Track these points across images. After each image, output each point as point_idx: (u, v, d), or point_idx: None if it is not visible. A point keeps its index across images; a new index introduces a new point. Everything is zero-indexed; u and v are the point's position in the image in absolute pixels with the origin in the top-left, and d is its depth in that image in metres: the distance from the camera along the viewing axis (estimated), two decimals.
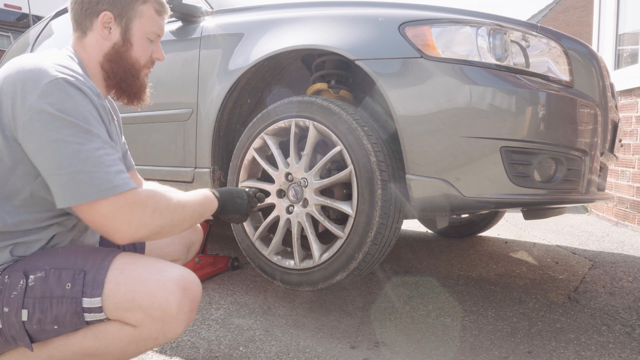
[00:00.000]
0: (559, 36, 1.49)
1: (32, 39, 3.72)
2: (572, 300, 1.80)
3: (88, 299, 0.87)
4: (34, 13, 6.56)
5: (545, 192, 1.38)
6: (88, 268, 0.90)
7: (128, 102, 1.12)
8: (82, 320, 0.88)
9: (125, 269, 0.91)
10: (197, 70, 1.93)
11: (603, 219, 3.67)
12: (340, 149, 1.48)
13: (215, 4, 2.08)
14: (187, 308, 0.92)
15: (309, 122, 1.55)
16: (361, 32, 1.50)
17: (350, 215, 1.46)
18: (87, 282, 0.88)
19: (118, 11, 1.02)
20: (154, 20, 1.07)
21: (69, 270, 0.89)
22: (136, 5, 1.04)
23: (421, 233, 3.12)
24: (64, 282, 0.88)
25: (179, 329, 0.92)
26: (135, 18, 1.04)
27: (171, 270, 0.93)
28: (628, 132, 3.26)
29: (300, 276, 1.57)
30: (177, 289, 0.90)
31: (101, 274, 0.89)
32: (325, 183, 1.52)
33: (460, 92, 1.33)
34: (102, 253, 0.94)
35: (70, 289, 0.87)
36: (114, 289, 0.88)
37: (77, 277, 0.88)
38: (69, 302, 0.87)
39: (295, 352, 1.35)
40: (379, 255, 1.48)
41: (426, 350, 1.37)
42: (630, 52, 3.65)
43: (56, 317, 0.87)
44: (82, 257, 0.92)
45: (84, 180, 0.83)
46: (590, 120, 1.45)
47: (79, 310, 0.87)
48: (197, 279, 0.97)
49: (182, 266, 0.97)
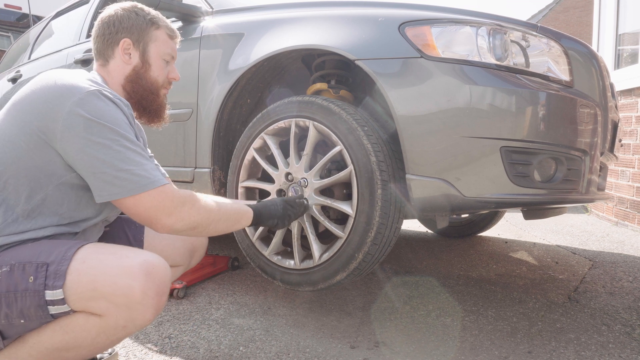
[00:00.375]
0: (559, 36, 1.49)
1: (32, 39, 3.72)
2: (572, 300, 1.80)
3: (50, 291, 0.88)
4: (34, 13, 6.56)
5: (545, 192, 1.38)
6: (51, 260, 0.90)
7: (148, 120, 1.21)
8: (47, 314, 0.89)
9: (86, 259, 0.91)
10: (197, 70, 1.93)
11: (603, 219, 3.67)
12: (340, 149, 1.48)
13: (215, 4, 2.08)
14: (153, 292, 0.91)
15: (309, 122, 1.55)
16: (361, 32, 1.50)
17: (350, 215, 1.46)
18: (49, 275, 0.88)
19: (136, 37, 1.15)
20: (167, 43, 1.20)
21: (33, 263, 0.90)
22: (151, 30, 1.17)
23: (421, 233, 3.12)
24: (27, 275, 0.89)
25: (147, 315, 0.91)
26: (151, 42, 1.17)
27: (133, 256, 0.93)
28: (628, 132, 3.26)
29: (301, 276, 1.56)
30: (140, 273, 0.90)
31: (63, 265, 0.89)
32: (325, 183, 1.52)
33: (460, 92, 1.33)
34: (68, 245, 0.94)
35: (33, 282, 0.88)
36: (75, 279, 0.88)
37: (39, 270, 0.89)
38: (32, 295, 0.88)
39: (295, 352, 1.35)
40: (379, 255, 1.48)
41: (426, 350, 1.37)
42: (630, 52, 3.65)
43: (21, 311, 0.88)
44: (48, 250, 0.93)
45: (126, 177, 0.94)
46: (590, 120, 1.45)
47: (42, 303, 0.88)
48: (164, 262, 0.96)
49: (148, 252, 0.97)
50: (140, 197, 0.95)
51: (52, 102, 0.94)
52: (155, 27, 1.17)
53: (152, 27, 1.17)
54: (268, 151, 1.70)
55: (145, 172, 0.96)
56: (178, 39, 1.23)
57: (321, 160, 1.53)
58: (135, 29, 1.14)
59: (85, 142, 0.92)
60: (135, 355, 1.32)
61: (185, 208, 1.01)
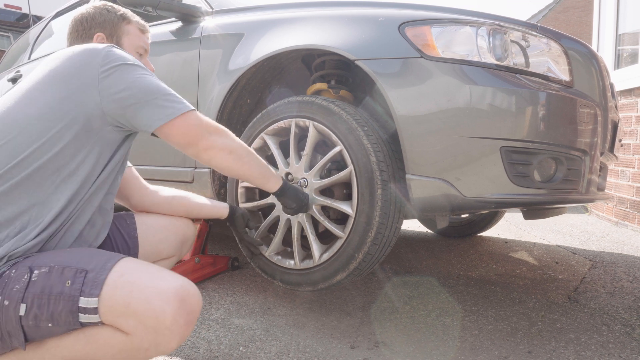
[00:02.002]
0: (559, 36, 1.49)
1: (32, 39, 3.72)
2: (572, 300, 1.80)
3: (85, 298, 0.87)
4: (34, 13, 6.57)
5: (545, 192, 1.38)
6: (91, 268, 0.90)
7: None
8: (77, 321, 0.87)
9: (125, 273, 0.90)
10: (197, 70, 1.93)
11: (603, 219, 3.67)
12: (340, 149, 1.48)
13: (215, 4, 2.08)
14: (183, 320, 0.88)
15: (309, 122, 1.55)
16: (361, 32, 1.50)
17: (350, 216, 1.46)
18: (87, 281, 0.87)
19: (109, 31, 1.21)
20: (139, 37, 1.26)
21: (72, 268, 0.89)
22: (122, 25, 1.23)
23: (421, 233, 3.12)
24: (65, 279, 0.88)
25: (172, 343, 0.89)
26: (124, 35, 1.23)
27: (171, 279, 0.91)
28: (628, 132, 3.26)
29: (300, 276, 1.57)
30: (175, 299, 0.88)
31: (102, 274, 0.89)
32: (325, 183, 1.52)
33: (460, 92, 1.33)
34: (107, 255, 0.94)
35: (70, 286, 0.87)
36: (111, 291, 0.87)
37: (78, 275, 0.88)
38: (66, 299, 0.87)
39: (295, 352, 1.35)
40: (379, 255, 1.48)
41: (426, 350, 1.37)
42: (630, 52, 3.65)
43: (52, 314, 0.87)
44: (88, 257, 0.93)
45: (174, 99, 1.05)
46: (590, 120, 1.45)
47: (75, 310, 0.87)
48: (199, 292, 0.94)
49: (185, 278, 0.95)
50: (188, 115, 1.04)
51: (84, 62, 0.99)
52: (126, 22, 1.24)
53: (124, 22, 1.23)
54: (268, 151, 1.70)
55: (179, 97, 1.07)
56: (149, 33, 1.31)
57: (321, 161, 1.53)
58: (107, 24, 1.21)
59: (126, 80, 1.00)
60: None
61: (223, 133, 1.13)
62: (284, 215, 1.60)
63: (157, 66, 2.00)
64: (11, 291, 0.87)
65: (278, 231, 1.62)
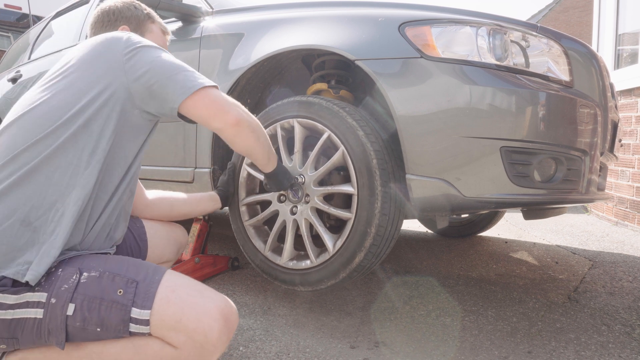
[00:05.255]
0: (559, 36, 1.49)
1: (32, 39, 3.72)
2: (572, 300, 1.80)
3: (138, 309, 0.88)
4: (34, 13, 6.57)
5: (545, 192, 1.38)
6: (140, 279, 0.91)
7: None
8: (127, 330, 0.88)
9: (176, 289, 0.92)
10: (197, 70, 1.93)
11: (603, 218, 3.67)
12: (342, 152, 1.48)
13: (215, 4, 2.08)
14: (226, 337, 0.93)
15: (312, 122, 1.55)
16: (361, 32, 1.50)
17: (350, 218, 1.46)
18: (138, 292, 0.89)
19: (134, 26, 1.25)
20: (161, 37, 1.31)
21: (122, 276, 0.91)
22: (147, 23, 1.28)
23: (421, 233, 3.12)
24: (116, 287, 0.89)
25: (213, 358, 0.93)
26: (147, 32, 1.27)
27: (217, 298, 0.95)
28: (628, 132, 3.26)
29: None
30: (221, 317, 0.92)
31: (153, 287, 0.90)
32: (326, 191, 1.51)
33: (460, 92, 1.33)
34: (153, 267, 0.96)
35: (122, 295, 0.88)
36: (163, 305, 0.89)
37: (129, 286, 0.90)
38: (118, 308, 0.88)
39: (295, 352, 1.35)
40: (379, 254, 1.48)
41: (426, 350, 1.37)
42: (630, 52, 3.65)
43: (102, 319, 0.88)
44: (134, 267, 0.94)
45: (194, 74, 1.05)
46: (590, 120, 1.45)
47: (127, 319, 0.88)
48: (236, 309, 0.98)
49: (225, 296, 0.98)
50: (210, 89, 1.05)
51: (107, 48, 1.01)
52: (151, 20, 1.29)
53: (149, 21, 1.29)
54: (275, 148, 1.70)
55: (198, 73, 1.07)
56: (169, 35, 1.36)
57: (323, 166, 1.52)
58: (133, 19, 1.25)
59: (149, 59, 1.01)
60: None
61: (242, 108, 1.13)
62: (289, 218, 1.58)
63: None
64: (59, 290, 0.88)
65: (287, 235, 1.59)
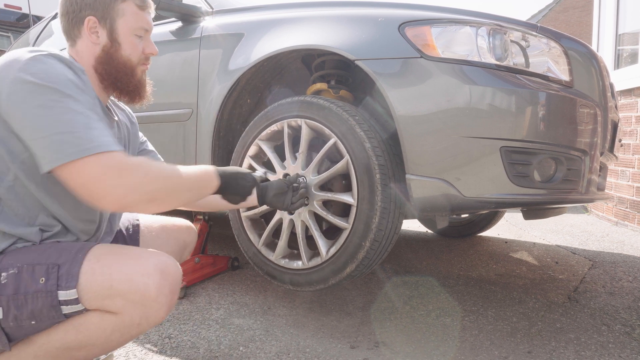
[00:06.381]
0: (559, 36, 1.49)
1: (32, 39, 3.72)
2: (572, 300, 1.80)
3: (63, 291, 0.88)
4: (34, 13, 6.56)
5: (545, 192, 1.38)
6: (62, 262, 0.90)
7: (129, 100, 1.13)
8: (60, 314, 0.89)
9: (100, 258, 0.92)
10: (197, 70, 1.93)
11: (603, 219, 3.67)
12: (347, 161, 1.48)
13: (215, 4, 2.08)
14: (167, 290, 0.92)
15: (320, 125, 1.55)
16: (361, 32, 1.50)
17: (346, 228, 1.47)
18: (61, 275, 0.88)
19: (100, 14, 1.04)
20: (137, 16, 1.08)
21: (42, 265, 0.90)
22: (116, 4, 1.05)
23: (421, 233, 3.12)
24: (37, 277, 0.88)
25: (161, 313, 0.92)
26: (118, 17, 1.05)
27: (147, 256, 0.94)
28: (628, 132, 3.26)
29: (310, 275, 1.55)
30: (155, 272, 0.91)
31: (75, 266, 0.89)
32: (327, 197, 1.51)
33: (460, 92, 1.33)
34: (78, 247, 0.94)
35: (45, 283, 0.88)
36: (89, 278, 0.89)
37: (50, 271, 0.89)
38: (44, 296, 0.87)
39: (295, 352, 1.35)
40: (378, 256, 1.48)
41: (426, 350, 1.37)
42: (630, 52, 3.65)
43: (32, 312, 0.88)
44: (57, 252, 0.93)
45: (66, 140, 0.83)
46: (590, 120, 1.45)
47: (56, 304, 0.88)
48: (176, 262, 0.97)
49: (160, 252, 0.97)
50: (82, 162, 0.83)
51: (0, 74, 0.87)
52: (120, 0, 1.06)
53: (118, 1, 1.05)
54: (264, 157, 1.70)
55: (91, 135, 0.85)
56: (151, 8, 1.12)
57: (326, 172, 1.52)
58: (99, 5, 1.04)
59: (26, 106, 0.84)
60: (135, 355, 1.32)
61: (138, 176, 0.88)
62: (286, 216, 1.59)
63: (157, 66, 2.00)
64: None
65: (282, 233, 1.60)
